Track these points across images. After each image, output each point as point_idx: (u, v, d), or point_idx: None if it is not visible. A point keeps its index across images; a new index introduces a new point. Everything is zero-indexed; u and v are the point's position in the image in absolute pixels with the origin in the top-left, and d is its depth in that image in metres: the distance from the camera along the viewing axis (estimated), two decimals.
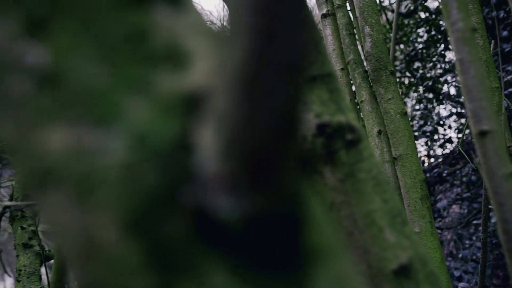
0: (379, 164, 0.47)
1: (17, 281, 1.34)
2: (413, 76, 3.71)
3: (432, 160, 3.99)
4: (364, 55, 1.26)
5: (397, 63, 3.72)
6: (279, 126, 0.13)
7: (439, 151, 3.99)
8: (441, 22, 3.28)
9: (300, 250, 0.17)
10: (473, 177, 3.04)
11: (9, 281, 4.59)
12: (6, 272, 3.10)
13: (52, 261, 1.54)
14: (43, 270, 1.46)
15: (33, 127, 0.17)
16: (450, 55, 3.55)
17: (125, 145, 0.16)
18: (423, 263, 0.45)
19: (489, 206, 1.25)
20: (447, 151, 3.80)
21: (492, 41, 1.20)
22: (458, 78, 3.25)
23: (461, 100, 3.39)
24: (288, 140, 0.14)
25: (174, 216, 0.15)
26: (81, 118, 0.17)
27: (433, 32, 3.43)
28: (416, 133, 3.52)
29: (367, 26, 1.24)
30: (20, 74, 0.17)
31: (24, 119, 0.18)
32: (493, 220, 2.40)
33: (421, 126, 3.58)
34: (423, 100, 3.75)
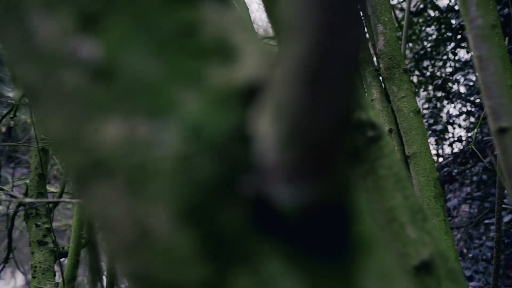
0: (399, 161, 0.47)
1: (33, 277, 1.35)
2: (423, 74, 3.69)
3: (442, 159, 3.97)
4: (377, 53, 1.26)
5: (406, 61, 3.70)
6: (338, 115, 0.14)
7: (449, 150, 3.97)
8: (452, 21, 3.26)
9: (348, 239, 0.17)
10: (484, 176, 3.01)
11: (20, 278, 4.64)
12: (18, 268, 3.13)
13: (62, 258, 1.56)
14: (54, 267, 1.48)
15: (86, 120, 0.18)
16: (461, 53, 3.52)
17: (179, 137, 0.16)
18: (444, 259, 0.46)
19: (503, 205, 1.24)
20: (456, 150, 3.78)
21: (507, 38, 1.19)
22: (469, 76, 3.22)
23: (471, 98, 3.37)
24: (344, 129, 0.14)
25: (231, 205, 0.16)
26: (135, 110, 0.17)
27: (443, 30, 3.40)
28: None
29: (380, 25, 1.24)
30: (73, 68, 0.18)
31: (76, 112, 0.18)
32: (505, 220, 2.38)
33: (430, 125, 3.56)
34: (433, 99, 3.73)
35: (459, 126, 3.73)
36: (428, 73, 3.70)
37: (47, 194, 1.58)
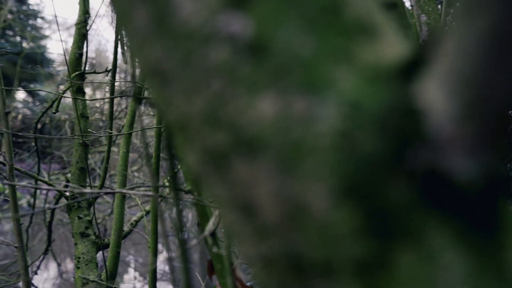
0: None
1: (77, 267, 1.39)
2: None
3: None
4: (420, 44, 1.23)
5: None
6: None
7: None
8: None
9: (501, 215, 0.17)
10: None
11: (53, 269, 4.79)
12: (55, 260, 3.23)
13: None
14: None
15: (233, 97, 0.18)
16: None
17: (338, 112, 0.16)
18: None
19: None
20: None
21: None
22: None
23: None
24: None
25: (396, 180, 0.16)
26: (290, 86, 0.17)
27: None
28: None
29: (423, 15, 1.21)
30: (221, 44, 0.18)
31: (222, 89, 0.18)
32: None
33: None
34: None
35: None
36: None
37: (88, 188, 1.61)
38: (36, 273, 2.27)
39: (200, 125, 0.19)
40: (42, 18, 10.43)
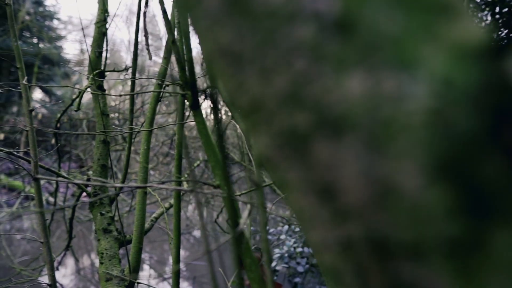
0: None
1: (100, 263, 1.40)
2: None
3: None
4: None
5: None
6: None
7: None
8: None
9: None
10: None
11: (70, 266, 4.86)
12: (74, 256, 3.27)
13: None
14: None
15: (319, 75, 0.17)
16: None
17: (430, 90, 0.16)
18: None
19: None
20: None
21: None
22: None
23: None
24: None
25: (491, 157, 0.15)
26: (379, 64, 0.16)
27: (497, 16, 3.24)
28: None
29: None
30: (307, 22, 0.18)
31: (307, 68, 0.18)
32: None
33: None
34: None
35: None
36: None
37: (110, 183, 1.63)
38: (57, 269, 2.30)
39: (278, 107, 0.19)
40: (58, 19, 10.59)
